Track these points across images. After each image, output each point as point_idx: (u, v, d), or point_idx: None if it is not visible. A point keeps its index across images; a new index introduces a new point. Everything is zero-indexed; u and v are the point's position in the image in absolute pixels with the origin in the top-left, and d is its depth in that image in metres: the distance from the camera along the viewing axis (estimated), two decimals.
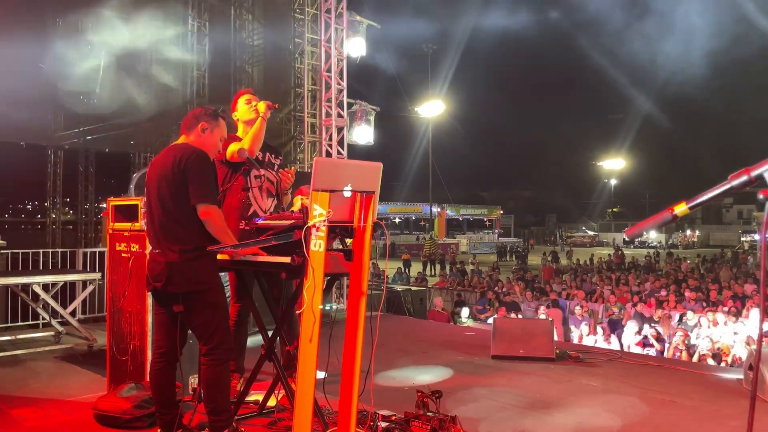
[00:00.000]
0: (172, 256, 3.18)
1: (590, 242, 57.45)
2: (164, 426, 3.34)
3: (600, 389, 5.05)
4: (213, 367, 3.21)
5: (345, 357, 3.07)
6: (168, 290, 3.20)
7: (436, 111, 39.12)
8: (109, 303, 4.65)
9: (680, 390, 5.06)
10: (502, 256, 40.11)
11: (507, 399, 4.62)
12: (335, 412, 3.48)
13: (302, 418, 2.71)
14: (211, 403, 3.22)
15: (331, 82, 10.88)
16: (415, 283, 18.92)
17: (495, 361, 5.90)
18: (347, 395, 3.03)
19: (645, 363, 6.27)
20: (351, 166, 2.98)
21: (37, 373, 5.41)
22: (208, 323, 3.23)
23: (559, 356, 6.01)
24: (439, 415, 3.56)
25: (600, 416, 4.33)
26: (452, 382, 5.03)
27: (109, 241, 4.64)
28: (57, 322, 6.65)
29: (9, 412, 4.26)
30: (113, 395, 3.93)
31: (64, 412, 4.27)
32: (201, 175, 3.18)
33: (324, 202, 2.70)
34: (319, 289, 2.71)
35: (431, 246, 31.43)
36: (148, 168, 3.41)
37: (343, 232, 3.04)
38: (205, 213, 3.16)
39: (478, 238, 51.16)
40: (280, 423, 3.62)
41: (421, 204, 51.70)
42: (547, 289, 15.33)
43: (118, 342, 4.52)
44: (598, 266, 24.47)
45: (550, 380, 5.30)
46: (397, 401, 4.09)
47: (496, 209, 61.47)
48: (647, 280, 16.09)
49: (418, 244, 39.48)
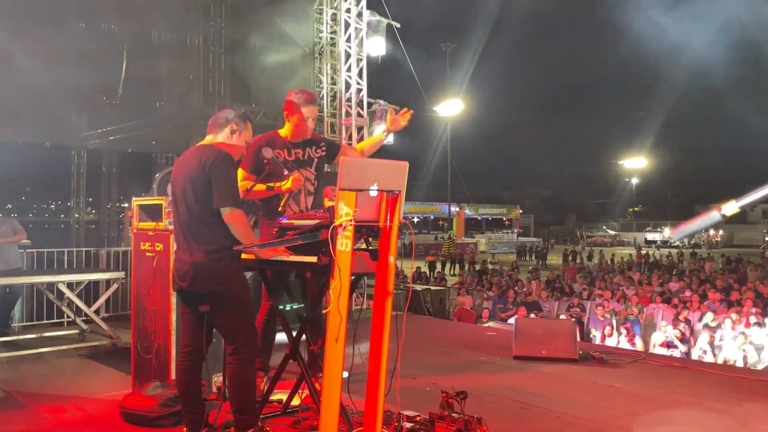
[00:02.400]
0: (198, 256, 3.20)
1: (611, 242, 56.87)
2: (190, 424, 3.36)
3: (624, 391, 4.99)
4: (239, 367, 3.23)
5: (371, 357, 3.06)
6: (194, 290, 3.23)
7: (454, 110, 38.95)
8: (134, 301, 4.68)
9: (707, 392, 4.98)
10: (522, 255, 39.87)
11: (531, 400, 4.58)
12: (359, 412, 3.48)
13: (329, 418, 2.70)
14: (236, 402, 3.23)
15: (350, 81, 10.88)
16: (434, 282, 18.88)
17: (517, 362, 5.85)
18: (373, 395, 3.02)
19: (670, 364, 6.18)
20: (377, 166, 2.96)
21: (62, 371, 5.48)
22: (234, 323, 3.25)
23: (582, 357, 5.95)
24: (464, 416, 3.54)
25: (625, 418, 4.27)
26: (474, 383, 5.00)
27: (133, 240, 4.68)
28: (81, 320, 6.73)
29: (35, 408, 4.32)
30: (139, 393, 3.96)
31: (89, 409, 4.31)
32: (225, 178, 3.20)
33: (350, 201, 2.70)
34: (345, 289, 2.70)
35: (450, 245, 31.36)
36: (174, 167, 3.43)
37: (369, 232, 3.03)
38: (230, 217, 3.18)
39: (497, 237, 50.92)
40: (304, 422, 3.62)
41: (439, 203, 51.56)
42: (566, 290, 15.20)
43: (142, 340, 4.55)
44: (620, 266, 24.22)
45: (574, 381, 5.25)
46: (419, 401, 4.07)
47: (516, 208, 61.10)
48: (670, 280, 15.89)
49: (437, 243, 39.40)
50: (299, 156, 4.20)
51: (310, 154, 4.29)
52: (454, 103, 38.57)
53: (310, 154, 4.29)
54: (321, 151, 4.34)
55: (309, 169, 4.25)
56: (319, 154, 4.33)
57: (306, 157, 4.26)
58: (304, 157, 4.24)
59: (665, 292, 14.17)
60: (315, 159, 4.30)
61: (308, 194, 4.23)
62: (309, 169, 4.25)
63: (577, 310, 12.20)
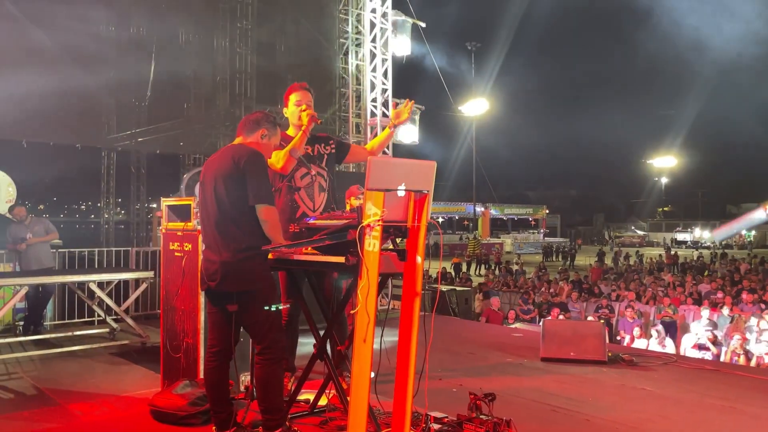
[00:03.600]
0: (227, 256, 3.22)
1: (640, 242, 56.02)
2: (219, 424, 3.38)
3: (655, 394, 4.90)
4: (266, 366, 3.24)
5: (399, 358, 3.04)
6: (222, 289, 3.25)
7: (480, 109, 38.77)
8: (163, 301, 4.72)
9: (740, 395, 4.88)
10: (548, 256, 39.48)
11: (559, 402, 4.52)
12: (386, 413, 3.47)
13: (357, 419, 2.69)
14: (264, 401, 3.24)
15: (375, 81, 10.89)
16: (459, 283, 18.79)
17: (545, 364, 5.79)
18: (401, 397, 3.00)
19: (702, 367, 6.07)
20: (405, 166, 2.94)
21: (93, 369, 5.57)
22: (262, 322, 3.26)
23: (612, 359, 5.87)
24: (493, 418, 3.50)
25: (655, 422, 4.20)
26: (501, 384, 4.95)
27: (162, 240, 4.72)
28: (112, 319, 6.83)
29: (67, 406, 4.39)
30: (168, 392, 4.00)
31: (120, 407, 4.37)
32: (260, 176, 3.23)
33: (378, 201, 2.68)
34: (373, 290, 2.69)
35: (475, 246, 31.20)
36: (204, 167, 3.46)
37: (397, 232, 3.01)
38: (265, 213, 3.21)
39: (523, 237, 50.52)
40: (331, 422, 3.62)
41: (464, 203, 51.34)
42: (596, 291, 15.01)
43: (171, 339, 4.59)
44: (649, 267, 23.85)
45: (603, 384, 5.18)
46: (446, 403, 4.05)
47: (542, 208, 60.56)
48: (701, 281, 15.59)
49: (462, 243, 39.22)
50: (309, 152, 4.19)
51: (320, 150, 4.29)
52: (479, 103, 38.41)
53: (320, 150, 4.29)
54: (330, 148, 4.33)
55: (320, 165, 4.25)
56: (329, 150, 4.32)
57: (316, 153, 4.26)
58: (313, 153, 4.24)
59: (694, 293, 13.92)
60: (325, 155, 4.30)
61: (321, 190, 4.22)
62: (320, 164, 4.25)
63: (605, 311, 12.04)
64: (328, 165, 4.29)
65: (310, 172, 4.10)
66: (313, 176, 4.14)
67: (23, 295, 6.46)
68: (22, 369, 5.54)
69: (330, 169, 4.30)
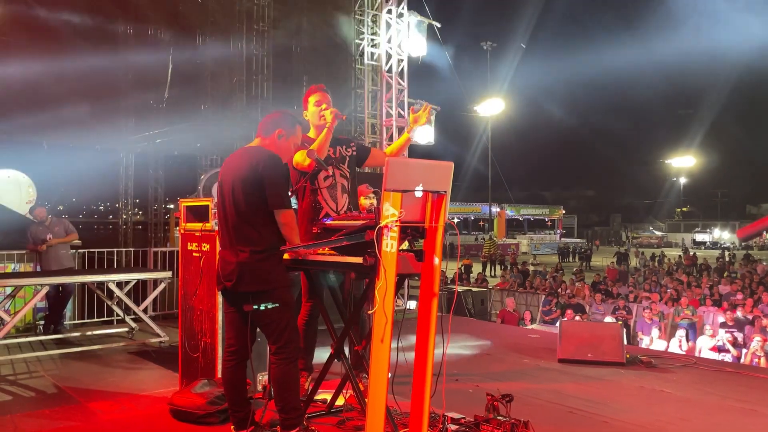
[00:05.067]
0: (244, 256, 3.24)
1: (658, 243, 55.48)
2: (237, 423, 3.41)
3: (674, 396, 4.86)
4: (282, 366, 3.26)
5: (416, 358, 3.05)
6: (238, 290, 3.27)
7: (495, 109, 38.66)
8: (181, 301, 4.76)
9: (760, 398, 4.84)
10: (565, 257, 39.20)
11: (577, 404, 4.50)
12: (403, 413, 3.47)
13: (375, 419, 2.70)
14: (281, 401, 3.26)
15: (391, 82, 10.88)
16: (475, 284, 18.74)
17: (562, 365, 5.77)
18: (419, 397, 3.00)
19: (722, 369, 6.00)
20: (422, 166, 2.94)
21: (112, 368, 5.63)
22: (277, 322, 3.28)
23: (630, 361, 5.83)
24: (510, 419, 3.49)
25: (674, 424, 4.16)
26: (518, 386, 4.94)
27: (180, 240, 4.76)
28: (130, 318, 6.90)
29: (87, 404, 4.45)
30: (187, 391, 4.04)
31: (139, 405, 4.42)
32: (278, 180, 3.26)
33: (396, 202, 2.69)
34: (391, 290, 2.70)
35: (491, 246, 31.07)
36: (222, 169, 3.48)
37: (414, 233, 3.01)
38: (283, 217, 3.24)
39: (539, 238, 50.24)
40: (348, 422, 3.64)
41: (480, 204, 51.18)
42: (614, 292, 14.89)
43: (189, 339, 4.63)
44: (668, 268, 23.59)
45: (621, 386, 5.14)
46: (463, 403, 4.05)
47: (558, 209, 60.23)
48: (721, 283, 15.41)
49: (477, 244, 39.08)
50: (331, 154, 4.21)
51: (341, 152, 4.32)
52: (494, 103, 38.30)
53: (341, 152, 4.32)
54: (351, 151, 4.37)
55: (342, 167, 4.27)
56: (350, 153, 4.36)
57: (338, 155, 4.29)
58: (335, 155, 4.26)
59: (715, 294, 13.76)
60: (347, 157, 4.33)
61: (344, 191, 4.25)
62: (342, 166, 4.27)
63: (623, 312, 11.94)
64: (349, 167, 4.32)
65: (329, 173, 4.12)
66: (335, 178, 4.17)
67: (44, 294, 6.55)
68: (43, 368, 5.61)
69: (351, 171, 4.33)
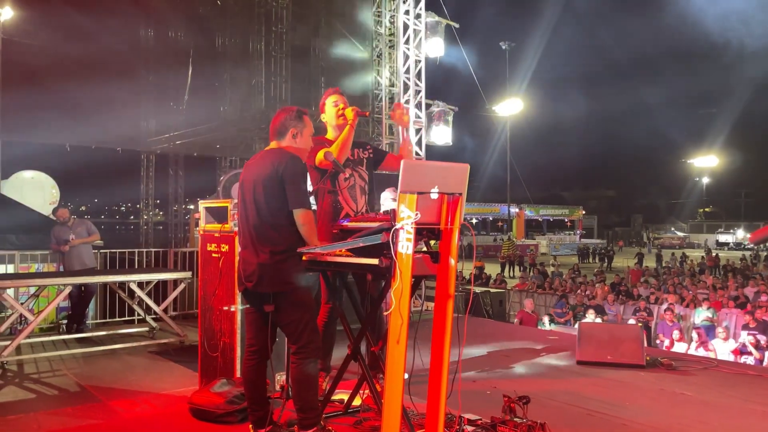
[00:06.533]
0: (264, 257, 3.29)
1: (680, 243, 54.78)
2: (256, 422, 3.45)
3: (695, 399, 4.80)
4: (301, 366, 3.29)
5: (432, 359, 3.05)
6: (259, 290, 3.32)
7: (514, 109, 38.45)
8: (200, 301, 4.81)
9: None
10: (584, 257, 38.83)
11: (595, 406, 4.47)
12: (419, 414, 3.48)
13: (391, 420, 2.71)
14: (299, 400, 3.29)
15: (409, 83, 10.90)
16: (494, 285, 18.66)
17: (580, 367, 5.72)
18: (435, 398, 3.01)
19: (744, 372, 5.92)
20: (438, 168, 2.95)
21: (133, 367, 5.71)
22: (297, 322, 3.31)
23: (650, 363, 5.76)
24: (527, 421, 3.48)
25: (695, 427, 4.11)
26: (536, 387, 4.91)
27: (200, 241, 4.81)
28: (151, 318, 6.98)
29: (108, 403, 4.52)
30: (207, 390, 4.08)
31: (159, 404, 4.48)
32: (298, 182, 3.30)
33: (411, 204, 2.70)
34: (406, 291, 2.71)
35: (509, 247, 30.90)
36: (243, 171, 3.53)
37: (430, 234, 3.02)
38: (303, 218, 3.28)
39: (558, 239, 49.87)
40: (365, 423, 3.65)
41: (498, 204, 50.95)
42: (635, 294, 14.75)
43: (209, 339, 4.68)
44: (690, 269, 23.29)
45: (640, 388, 5.09)
46: (479, 405, 4.04)
47: (578, 209, 59.75)
48: (744, 284, 15.18)
49: (496, 245, 38.90)
50: (349, 156, 4.26)
51: (359, 154, 4.39)
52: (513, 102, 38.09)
53: (359, 154, 4.39)
54: (368, 153, 4.44)
55: (360, 168, 4.34)
56: (367, 155, 4.43)
57: (356, 157, 4.35)
58: (354, 157, 4.33)
59: (739, 296, 13.56)
60: (364, 159, 4.40)
61: (363, 193, 4.33)
62: (360, 168, 4.34)
63: (643, 314, 11.83)
64: (367, 169, 4.39)
65: (345, 175, 4.18)
66: (354, 179, 4.23)
67: (67, 294, 6.66)
68: (65, 366, 5.71)
69: (369, 173, 4.39)
